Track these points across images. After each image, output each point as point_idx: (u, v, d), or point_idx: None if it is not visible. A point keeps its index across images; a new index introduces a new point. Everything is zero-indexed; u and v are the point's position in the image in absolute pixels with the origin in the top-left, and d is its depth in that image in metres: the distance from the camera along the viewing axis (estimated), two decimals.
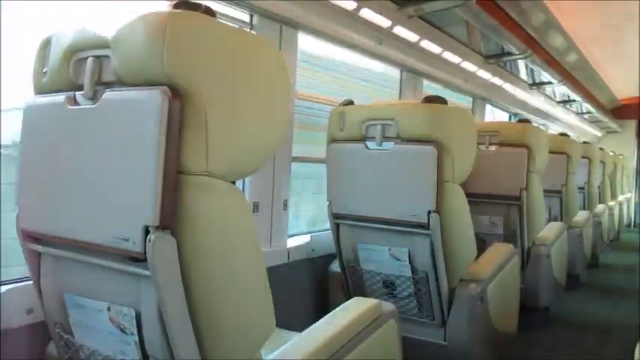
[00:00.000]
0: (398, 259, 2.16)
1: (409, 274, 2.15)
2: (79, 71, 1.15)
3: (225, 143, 1.06)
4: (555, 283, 3.38)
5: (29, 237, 1.23)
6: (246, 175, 1.17)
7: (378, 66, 3.37)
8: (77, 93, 1.14)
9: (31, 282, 1.29)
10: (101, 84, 1.11)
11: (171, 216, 1.00)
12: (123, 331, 1.11)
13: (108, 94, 1.07)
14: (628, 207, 8.46)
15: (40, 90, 1.23)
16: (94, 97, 1.11)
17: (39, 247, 1.22)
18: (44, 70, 1.22)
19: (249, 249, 1.11)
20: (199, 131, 1.01)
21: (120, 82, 1.07)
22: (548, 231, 3.38)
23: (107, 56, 1.09)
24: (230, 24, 1.13)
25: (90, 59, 1.11)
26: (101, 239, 1.05)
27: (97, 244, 1.07)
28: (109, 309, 1.12)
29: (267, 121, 1.16)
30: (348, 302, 1.46)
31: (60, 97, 1.15)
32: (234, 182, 1.13)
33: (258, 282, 1.13)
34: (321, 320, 1.36)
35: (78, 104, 1.13)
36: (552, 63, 4.85)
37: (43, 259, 1.25)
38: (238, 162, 1.11)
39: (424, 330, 2.19)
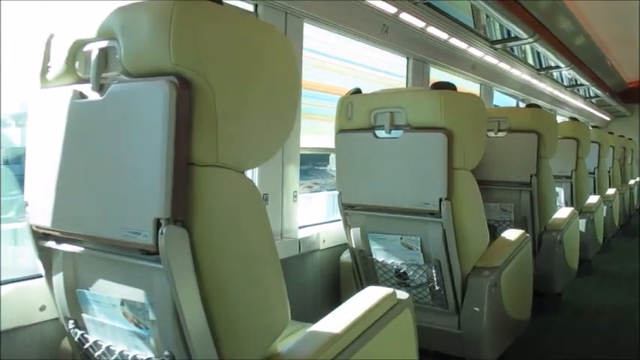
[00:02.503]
0: (410, 248, 2.14)
1: (421, 262, 2.13)
2: (84, 64, 1.14)
3: (235, 133, 1.04)
4: (568, 268, 3.36)
5: (39, 233, 1.22)
6: (258, 164, 1.15)
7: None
8: (84, 86, 1.12)
9: (43, 279, 1.29)
10: (107, 76, 1.09)
11: (182, 208, 0.99)
12: (137, 325, 1.10)
13: (115, 86, 1.05)
14: (638, 191, 8.38)
15: (46, 85, 1.21)
16: (100, 90, 1.09)
17: (50, 243, 1.21)
18: (49, 65, 1.21)
19: (262, 239, 1.10)
20: (209, 121, 0.99)
21: (127, 74, 1.05)
22: (560, 216, 3.35)
23: (113, 48, 1.07)
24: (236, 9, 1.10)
25: (95, 51, 1.10)
26: (113, 234, 1.04)
27: (109, 239, 1.06)
28: (122, 304, 1.10)
29: (278, 110, 1.14)
30: (362, 292, 1.44)
31: (66, 91, 1.14)
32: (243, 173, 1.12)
33: (272, 273, 1.11)
34: (336, 310, 1.34)
35: (85, 97, 1.12)
36: (559, 47, 4.79)
37: (54, 255, 1.24)
38: (249, 152, 1.09)
39: (438, 318, 2.17)
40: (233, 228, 1.05)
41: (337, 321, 1.27)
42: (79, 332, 1.23)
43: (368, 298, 1.39)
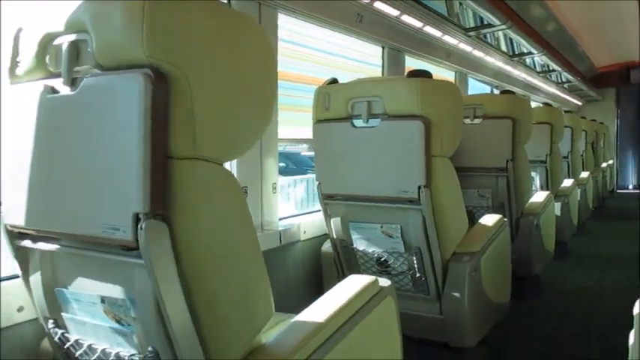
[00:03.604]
0: (390, 236, 2.15)
1: (402, 250, 2.14)
2: (55, 58, 1.11)
3: (213, 124, 1.03)
4: (545, 251, 3.42)
5: (15, 233, 1.19)
6: (237, 155, 1.14)
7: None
8: (55, 80, 1.10)
9: (20, 279, 1.26)
10: (79, 70, 1.07)
11: (161, 202, 0.97)
12: (119, 322, 1.08)
13: (87, 80, 1.03)
14: (610, 174, 8.58)
15: (16, 80, 1.18)
16: (72, 84, 1.07)
17: (26, 243, 1.18)
18: (18, 60, 1.17)
19: (244, 231, 1.09)
20: (186, 113, 0.98)
21: (99, 67, 1.03)
22: (536, 201, 3.41)
23: (84, 41, 1.05)
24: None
25: (66, 45, 1.07)
26: (91, 230, 1.02)
27: (88, 236, 1.04)
28: (102, 301, 1.09)
29: (255, 100, 1.13)
30: (344, 280, 1.44)
31: (38, 86, 1.11)
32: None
33: (255, 265, 1.11)
34: (319, 300, 1.34)
35: (57, 92, 1.09)
36: (532, 33, 4.85)
37: (31, 254, 1.22)
38: (228, 143, 1.08)
39: (420, 305, 2.19)
40: (213, 221, 1.04)
41: (320, 311, 1.27)
42: (59, 332, 1.20)
43: (350, 286, 1.39)
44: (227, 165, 1.13)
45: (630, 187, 10.07)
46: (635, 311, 1.01)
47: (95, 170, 1.02)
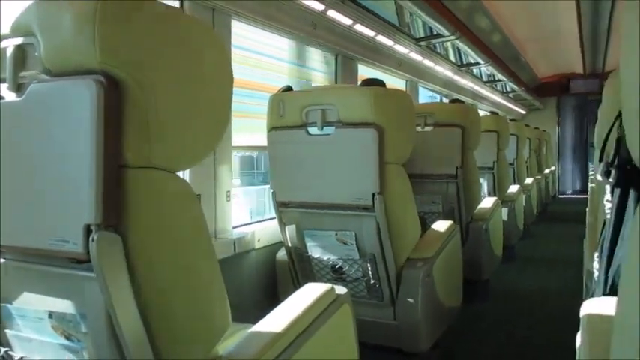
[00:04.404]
0: (345, 243, 2.16)
1: (357, 257, 2.16)
2: None
3: (168, 132, 1.00)
4: (494, 255, 3.52)
5: None
6: (193, 164, 1.12)
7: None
8: (0, 86, 1.05)
9: None
10: (26, 75, 1.03)
11: (114, 213, 0.94)
12: (68, 338, 1.04)
13: (35, 86, 0.99)
14: (553, 179, 8.93)
15: None
16: (18, 90, 1.02)
17: None
18: None
19: (199, 242, 1.07)
20: (140, 121, 0.95)
21: (48, 73, 0.99)
22: (485, 206, 3.51)
23: (31, 45, 1.01)
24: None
25: (11, 48, 1.02)
26: (38, 243, 0.98)
27: (34, 248, 0.99)
28: (50, 316, 1.04)
29: (211, 107, 1.11)
30: (301, 289, 1.44)
31: None
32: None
33: (211, 274, 1.09)
34: (276, 309, 1.33)
35: (1, 98, 1.04)
36: (478, 44, 5.01)
37: None
38: (184, 151, 1.06)
39: (374, 311, 2.21)
40: (168, 231, 1.02)
41: (278, 320, 1.26)
42: (3, 349, 1.14)
43: (307, 294, 1.39)
44: (179, 173, 1.11)
45: (569, 192, 10.51)
46: (582, 313, 1.05)
47: (44, 180, 0.98)
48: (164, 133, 0.99)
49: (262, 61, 2.92)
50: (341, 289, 1.49)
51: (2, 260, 1.08)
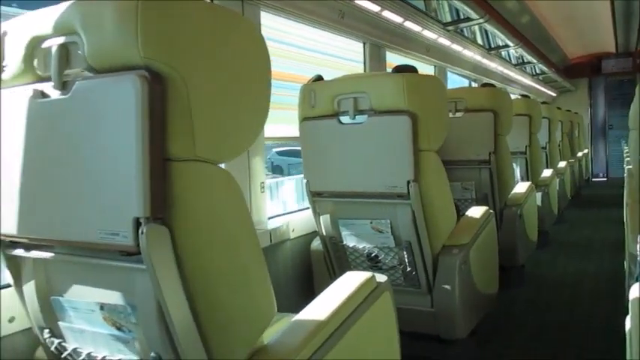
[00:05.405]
0: (380, 232, 2.16)
1: (392, 245, 2.15)
2: (43, 62, 1.09)
3: (211, 125, 1.01)
4: (528, 241, 3.47)
5: (6, 242, 1.16)
6: (236, 155, 1.12)
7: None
8: (44, 84, 1.07)
9: (10, 289, 1.23)
10: (70, 73, 1.04)
11: (161, 205, 0.96)
12: (119, 329, 1.07)
13: (80, 84, 1.01)
14: (586, 162, 8.75)
15: (2, 85, 1.15)
16: (64, 88, 1.04)
17: (18, 251, 1.16)
18: (4, 65, 1.14)
19: (244, 231, 1.08)
20: (184, 114, 0.96)
21: (91, 70, 1.01)
22: (518, 191, 3.45)
23: (74, 43, 1.02)
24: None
25: (55, 47, 1.04)
26: (88, 236, 1.00)
27: (85, 242, 1.02)
28: (102, 308, 1.07)
29: (251, 99, 1.12)
30: (341, 277, 1.44)
31: (27, 91, 1.08)
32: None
33: (256, 265, 1.10)
34: (318, 298, 1.34)
35: (47, 96, 1.06)
36: (507, 26, 4.92)
37: (24, 263, 1.19)
38: (227, 143, 1.07)
39: (411, 298, 2.20)
40: (214, 222, 1.03)
41: (320, 309, 1.27)
42: (56, 341, 1.18)
43: (348, 283, 1.39)
44: None
45: (601, 175, 10.29)
46: (631, 297, 1.03)
47: (91, 175, 1.00)
48: (208, 124, 1.00)
49: (287, 50, 2.92)
50: (381, 277, 1.49)
51: (52, 254, 1.11)
